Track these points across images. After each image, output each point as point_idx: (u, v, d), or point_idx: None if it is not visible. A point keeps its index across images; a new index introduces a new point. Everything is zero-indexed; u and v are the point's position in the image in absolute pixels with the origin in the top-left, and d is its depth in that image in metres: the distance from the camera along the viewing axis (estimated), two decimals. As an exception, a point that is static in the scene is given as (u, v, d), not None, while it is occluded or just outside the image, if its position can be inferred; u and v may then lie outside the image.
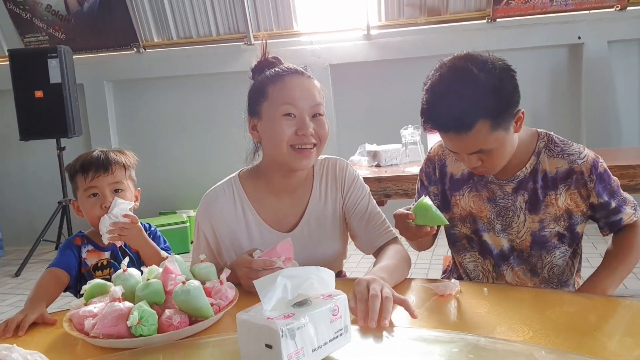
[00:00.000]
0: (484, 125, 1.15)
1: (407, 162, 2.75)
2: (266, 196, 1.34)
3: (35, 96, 4.04)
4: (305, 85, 1.25)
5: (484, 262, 1.42)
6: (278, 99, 1.23)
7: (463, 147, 1.21)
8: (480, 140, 1.17)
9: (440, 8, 4.32)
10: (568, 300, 1.08)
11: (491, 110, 1.15)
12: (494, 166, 1.25)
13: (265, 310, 0.77)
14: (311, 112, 1.24)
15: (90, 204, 1.42)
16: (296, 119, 1.22)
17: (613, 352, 0.83)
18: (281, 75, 1.25)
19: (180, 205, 4.84)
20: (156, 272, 1.09)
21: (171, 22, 4.71)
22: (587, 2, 4.06)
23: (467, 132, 1.16)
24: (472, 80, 1.15)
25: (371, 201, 1.39)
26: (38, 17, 4.84)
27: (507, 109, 1.18)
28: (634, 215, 1.34)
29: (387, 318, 0.93)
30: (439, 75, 1.20)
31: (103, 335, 0.95)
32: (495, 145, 1.20)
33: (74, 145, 4.45)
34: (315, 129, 1.23)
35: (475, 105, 1.14)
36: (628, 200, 1.35)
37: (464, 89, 1.15)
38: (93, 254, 1.46)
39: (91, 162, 1.43)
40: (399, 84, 4.42)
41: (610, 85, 4.17)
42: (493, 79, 1.15)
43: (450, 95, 1.17)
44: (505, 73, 1.18)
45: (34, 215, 4.92)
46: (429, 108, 1.21)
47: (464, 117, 1.15)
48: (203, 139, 4.82)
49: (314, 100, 1.24)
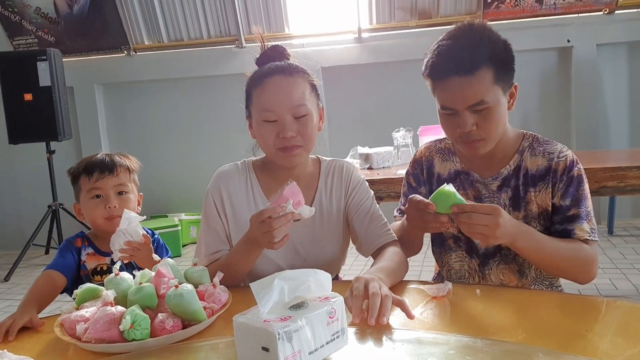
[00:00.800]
0: (488, 72, 1.19)
1: (399, 164, 2.77)
2: (271, 186, 1.35)
3: (25, 99, 4.01)
4: (284, 86, 1.24)
5: (470, 262, 1.43)
6: (258, 104, 1.25)
7: (465, 95, 1.20)
8: (482, 88, 1.19)
9: (430, 11, 4.35)
10: (559, 301, 1.08)
11: (497, 59, 1.20)
12: (488, 133, 1.24)
13: (262, 313, 0.77)
14: (293, 113, 1.24)
15: (93, 205, 1.41)
16: (277, 123, 1.24)
17: (605, 352, 0.83)
18: (261, 79, 1.26)
19: (172, 208, 4.81)
20: (148, 275, 1.08)
21: (162, 24, 4.70)
22: (576, 5, 4.11)
23: (472, 73, 1.18)
24: (482, 32, 1.22)
25: (374, 204, 1.40)
26: (27, 19, 4.80)
27: (511, 66, 1.24)
28: (588, 235, 1.25)
29: (386, 316, 0.94)
30: (449, 30, 1.26)
31: (95, 340, 0.94)
32: (493, 103, 1.20)
33: (64, 149, 4.42)
34: (298, 130, 1.24)
35: (483, 49, 1.19)
36: (590, 219, 1.27)
37: (473, 36, 1.21)
38: (93, 258, 1.44)
39: (96, 163, 1.42)
40: (391, 87, 4.44)
41: (599, 88, 4.22)
42: (500, 38, 1.24)
43: (460, 41, 1.22)
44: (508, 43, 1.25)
45: (24, 219, 4.87)
46: (441, 52, 1.23)
47: (471, 58, 1.18)
48: (194, 142, 4.81)
49: (294, 100, 1.24)
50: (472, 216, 1.11)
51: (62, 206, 4.20)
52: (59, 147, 4.25)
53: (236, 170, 1.37)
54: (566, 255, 1.24)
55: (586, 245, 1.26)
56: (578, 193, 1.28)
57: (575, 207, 1.27)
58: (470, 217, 1.11)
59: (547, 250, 1.22)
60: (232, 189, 1.34)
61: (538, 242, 1.22)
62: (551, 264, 1.26)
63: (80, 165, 1.44)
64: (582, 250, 1.25)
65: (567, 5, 4.11)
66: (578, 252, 1.24)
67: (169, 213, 4.74)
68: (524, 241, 1.19)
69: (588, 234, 1.26)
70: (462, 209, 1.12)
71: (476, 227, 1.11)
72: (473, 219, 1.10)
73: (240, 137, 1.43)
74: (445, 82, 1.22)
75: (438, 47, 1.24)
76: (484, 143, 1.26)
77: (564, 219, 1.28)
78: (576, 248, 1.25)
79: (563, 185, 1.28)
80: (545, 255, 1.23)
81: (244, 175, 1.36)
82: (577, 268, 1.25)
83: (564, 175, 1.28)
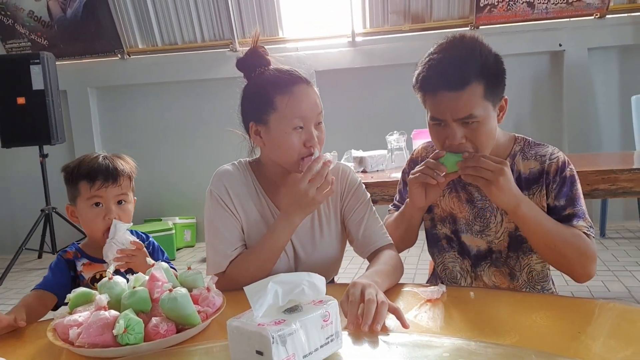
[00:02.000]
0: (477, 87, 1.19)
1: (393, 167, 2.77)
2: (268, 188, 1.36)
3: (18, 103, 3.98)
4: (311, 96, 1.27)
5: (463, 262, 1.44)
6: (290, 113, 1.23)
7: (454, 109, 1.20)
8: (471, 103, 1.19)
9: (424, 15, 4.37)
10: (552, 303, 1.09)
11: (487, 73, 1.20)
12: (477, 146, 1.25)
13: (256, 317, 0.77)
14: (316, 121, 1.27)
15: (93, 215, 1.37)
16: (304, 130, 1.25)
17: (598, 354, 0.84)
18: (288, 85, 1.25)
19: (166, 212, 4.80)
20: (142, 280, 1.08)
21: (156, 28, 4.69)
22: (568, 10, 4.14)
23: (462, 88, 1.18)
24: (473, 45, 1.22)
25: (370, 207, 1.40)
26: (20, 23, 4.78)
27: (501, 80, 1.25)
28: (587, 229, 1.26)
29: (380, 323, 0.94)
30: (438, 44, 1.26)
31: (88, 344, 0.94)
32: (483, 117, 1.21)
33: (57, 153, 4.39)
34: (318, 137, 1.27)
35: (473, 64, 1.19)
36: (586, 218, 1.29)
37: (464, 49, 1.22)
38: (89, 267, 1.41)
39: (99, 170, 1.37)
40: (384, 90, 4.45)
41: (590, 92, 4.26)
42: (492, 51, 1.24)
43: (451, 54, 1.22)
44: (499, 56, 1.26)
45: (16, 223, 4.84)
46: (432, 65, 1.23)
47: (461, 73, 1.19)
48: (188, 145, 4.80)
49: (318, 109, 1.28)
50: (480, 160, 1.19)
51: (55, 210, 4.17)
52: (52, 151, 4.22)
53: (236, 170, 1.37)
54: (567, 237, 1.24)
55: (587, 237, 1.26)
56: (572, 193, 1.29)
57: (570, 207, 1.28)
58: (478, 160, 1.19)
59: (548, 226, 1.23)
60: (237, 187, 1.34)
61: (541, 214, 1.24)
62: (551, 243, 1.24)
63: (81, 168, 1.38)
64: (582, 238, 1.25)
65: (558, 9, 4.15)
66: (579, 239, 1.24)
67: (163, 217, 4.72)
68: (528, 208, 1.22)
69: (586, 229, 1.26)
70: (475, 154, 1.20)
71: (481, 171, 1.18)
72: (481, 162, 1.18)
73: (233, 140, 1.43)
74: (435, 95, 1.23)
75: (429, 60, 1.24)
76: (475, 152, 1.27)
77: (560, 219, 1.28)
78: (577, 234, 1.25)
79: (557, 186, 1.29)
80: (547, 230, 1.23)
81: (243, 174, 1.36)
82: (577, 255, 1.24)
83: (556, 176, 1.29)
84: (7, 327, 1.10)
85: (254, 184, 1.36)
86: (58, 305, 1.36)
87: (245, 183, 1.35)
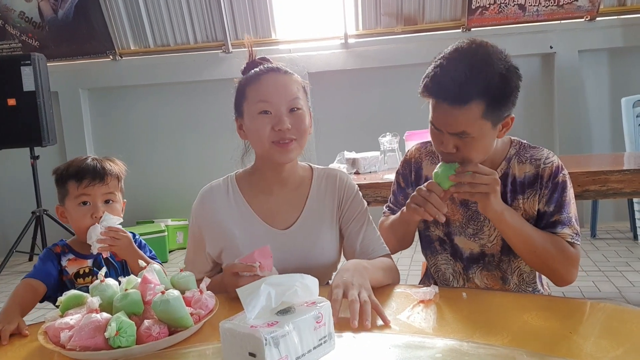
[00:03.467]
0: (478, 107, 1.18)
1: (386, 169, 2.78)
2: (260, 193, 1.36)
3: (8, 104, 3.95)
4: (281, 81, 1.27)
5: (455, 265, 1.44)
6: (254, 97, 1.26)
7: (449, 123, 1.21)
8: (468, 120, 1.19)
9: (416, 17, 4.39)
10: (544, 304, 1.10)
11: (491, 94, 1.18)
12: (467, 158, 1.25)
13: (248, 319, 0.77)
14: (288, 106, 1.26)
15: (81, 213, 1.40)
16: (272, 115, 1.25)
17: (589, 354, 0.84)
18: (258, 75, 1.29)
19: (158, 214, 4.78)
20: (134, 282, 1.07)
21: (148, 29, 4.68)
22: (558, 12, 4.18)
23: (461, 105, 1.17)
24: (484, 60, 1.19)
25: (368, 216, 1.38)
26: (10, 24, 4.75)
27: (505, 102, 1.21)
28: (570, 238, 1.28)
29: (368, 320, 0.96)
30: (454, 47, 1.24)
31: (80, 347, 0.93)
32: (477, 135, 1.21)
33: (48, 155, 4.36)
34: (293, 124, 1.25)
35: (476, 83, 1.17)
36: (572, 224, 1.29)
37: (471, 65, 1.18)
38: (74, 263, 1.43)
39: (87, 170, 1.40)
40: (377, 92, 4.46)
41: (581, 93, 4.29)
42: (503, 68, 1.19)
43: (457, 68, 1.19)
44: (513, 70, 1.23)
45: (7, 225, 4.79)
46: (437, 73, 1.22)
47: (464, 90, 1.17)
48: (181, 147, 4.78)
49: (290, 94, 1.26)
50: (475, 175, 1.20)
51: (46, 212, 4.14)
52: (43, 152, 4.19)
53: (218, 187, 1.37)
54: (547, 245, 1.26)
55: (569, 245, 1.28)
56: (561, 199, 1.30)
57: (557, 214, 1.29)
58: (474, 176, 1.20)
59: (529, 233, 1.26)
60: (218, 205, 1.34)
61: (522, 223, 1.27)
62: (531, 250, 1.27)
63: (69, 169, 1.42)
64: (563, 246, 1.27)
65: (549, 12, 4.18)
66: (559, 245, 1.27)
67: (155, 219, 4.70)
68: (510, 216, 1.25)
69: (570, 237, 1.28)
70: (465, 169, 1.20)
71: (479, 187, 1.20)
72: (476, 178, 1.20)
73: (226, 142, 1.43)
74: (435, 104, 1.24)
75: (438, 65, 1.22)
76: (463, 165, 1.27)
77: (546, 225, 1.30)
78: (558, 241, 1.27)
79: (548, 192, 1.30)
80: (528, 238, 1.26)
81: (225, 188, 1.36)
82: (557, 262, 1.27)
83: (549, 181, 1.30)
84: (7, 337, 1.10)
85: (236, 198, 1.35)
86: (46, 295, 1.37)
87: (227, 199, 1.34)
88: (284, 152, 1.25)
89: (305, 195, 1.36)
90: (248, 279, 1.10)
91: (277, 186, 1.35)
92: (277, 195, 1.35)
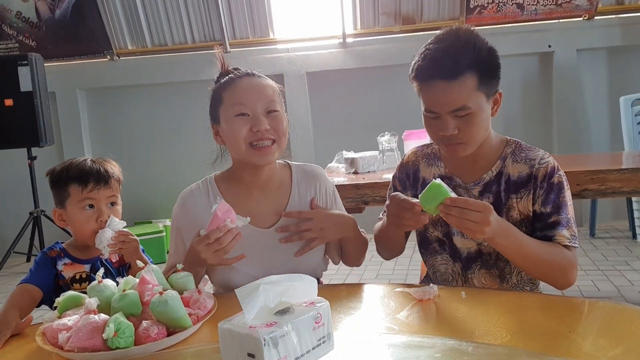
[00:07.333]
0: (472, 78, 1.20)
1: (385, 168, 2.78)
2: (239, 194, 1.36)
3: (5, 105, 3.94)
4: (256, 85, 1.29)
5: (454, 265, 1.44)
6: (231, 100, 1.28)
7: (448, 100, 1.21)
8: (464, 94, 1.20)
9: (414, 17, 4.39)
10: (543, 303, 1.10)
11: (481, 65, 1.22)
12: (469, 137, 1.25)
13: (247, 319, 0.77)
14: (265, 108, 1.27)
15: (85, 217, 1.37)
16: (250, 117, 1.26)
17: (588, 353, 0.84)
18: (233, 80, 1.30)
19: (156, 214, 4.77)
20: (132, 283, 1.07)
21: (145, 29, 4.67)
22: (557, 11, 4.18)
23: (455, 78, 1.19)
24: (468, 37, 1.23)
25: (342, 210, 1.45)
26: (7, 24, 4.73)
27: (495, 74, 1.25)
28: (568, 241, 1.27)
29: None
30: (435, 36, 1.27)
31: (78, 348, 0.93)
32: (476, 109, 1.22)
33: (46, 155, 4.35)
34: (272, 125, 1.26)
35: (467, 55, 1.20)
36: (570, 226, 1.28)
37: (459, 41, 1.23)
38: (70, 267, 1.41)
39: (90, 173, 1.38)
40: (375, 91, 4.46)
41: (579, 92, 4.30)
42: (487, 43, 1.25)
43: (445, 45, 1.23)
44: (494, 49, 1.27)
45: (4, 226, 4.78)
46: (427, 55, 1.24)
47: (455, 63, 1.20)
48: (179, 147, 4.77)
49: (266, 97, 1.28)
50: (464, 211, 1.12)
51: (44, 213, 4.14)
52: (40, 153, 4.18)
53: (197, 189, 1.38)
54: (545, 257, 1.25)
55: (566, 250, 1.27)
56: (559, 200, 1.29)
57: (555, 214, 1.29)
58: (462, 212, 1.12)
59: (525, 250, 1.23)
60: (197, 208, 1.34)
61: (517, 241, 1.23)
62: (529, 264, 1.26)
63: (70, 171, 1.39)
64: (561, 254, 1.26)
65: (548, 11, 4.18)
66: (557, 256, 1.26)
67: (153, 219, 4.70)
68: (504, 238, 1.20)
69: (568, 240, 1.27)
70: (455, 203, 1.12)
71: (466, 223, 1.13)
72: (465, 214, 1.12)
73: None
74: (429, 85, 1.24)
75: (425, 50, 1.26)
76: (464, 147, 1.27)
77: (544, 226, 1.29)
78: (555, 252, 1.26)
79: (543, 192, 1.29)
80: (523, 255, 1.24)
81: (205, 190, 1.37)
82: (555, 271, 1.26)
83: (544, 182, 1.29)
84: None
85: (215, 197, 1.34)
86: (43, 300, 1.36)
87: (208, 201, 1.34)
88: (263, 155, 1.27)
89: (287, 194, 1.38)
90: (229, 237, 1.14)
91: (256, 189, 1.36)
92: (257, 197, 1.36)
